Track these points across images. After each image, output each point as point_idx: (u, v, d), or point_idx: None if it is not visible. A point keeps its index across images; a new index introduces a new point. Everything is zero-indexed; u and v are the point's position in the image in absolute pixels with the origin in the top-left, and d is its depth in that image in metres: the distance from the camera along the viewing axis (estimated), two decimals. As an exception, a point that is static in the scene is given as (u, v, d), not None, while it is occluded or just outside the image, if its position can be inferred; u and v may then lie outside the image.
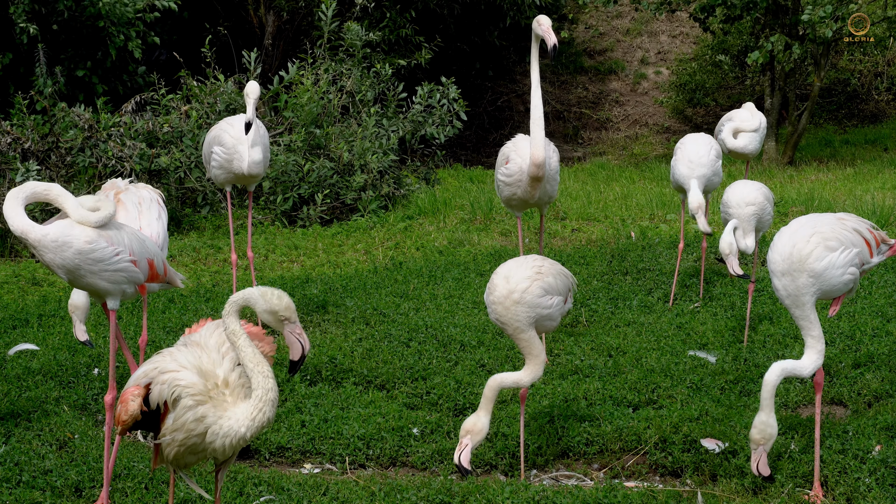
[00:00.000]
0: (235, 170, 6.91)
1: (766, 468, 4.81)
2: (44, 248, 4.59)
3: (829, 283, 4.75)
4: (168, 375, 3.75)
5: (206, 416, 3.72)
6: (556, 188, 6.58)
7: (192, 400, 3.71)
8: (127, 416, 3.74)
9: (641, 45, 20.82)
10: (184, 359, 3.79)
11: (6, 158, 10.54)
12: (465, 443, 4.80)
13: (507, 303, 4.94)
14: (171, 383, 3.72)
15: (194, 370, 3.76)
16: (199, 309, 7.75)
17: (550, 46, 6.07)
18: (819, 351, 4.76)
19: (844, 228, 4.85)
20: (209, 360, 3.80)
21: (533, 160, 6.19)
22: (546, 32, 6.13)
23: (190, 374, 3.74)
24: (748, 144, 8.32)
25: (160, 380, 3.75)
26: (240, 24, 17.04)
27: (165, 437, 3.76)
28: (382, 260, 9.72)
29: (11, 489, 4.92)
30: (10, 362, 6.74)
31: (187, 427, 3.72)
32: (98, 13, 12.66)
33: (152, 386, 3.76)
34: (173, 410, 3.73)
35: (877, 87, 18.31)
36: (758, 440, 4.78)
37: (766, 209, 6.80)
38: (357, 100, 12.66)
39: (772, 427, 4.74)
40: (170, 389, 3.72)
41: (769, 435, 4.75)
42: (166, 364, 3.79)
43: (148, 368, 3.81)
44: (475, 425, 4.81)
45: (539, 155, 6.16)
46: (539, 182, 6.31)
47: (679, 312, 7.58)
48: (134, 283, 4.88)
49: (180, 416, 3.72)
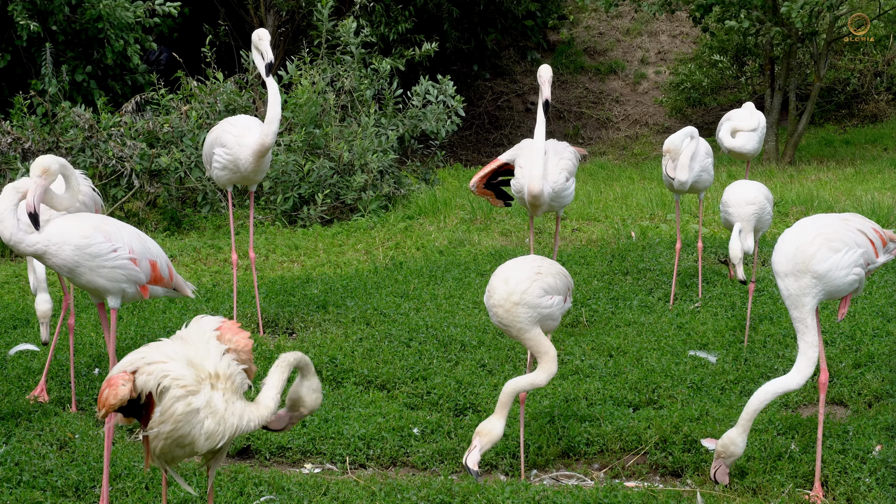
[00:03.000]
0: (244, 157, 6.80)
1: (724, 477, 4.88)
2: (45, 253, 4.63)
3: (833, 284, 4.74)
4: (155, 367, 3.70)
5: (198, 407, 3.70)
6: (568, 199, 6.57)
7: (182, 391, 3.68)
8: (115, 400, 3.67)
9: (641, 44, 20.82)
10: (170, 350, 3.76)
11: (6, 158, 10.55)
12: (475, 444, 4.73)
13: (507, 305, 4.91)
14: (158, 374, 3.68)
15: (182, 361, 3.73)
16: (200, 309, 7.75)
17: (543, 101, 6.18)
18: (810, 358, 4.73)
19: (848, 229, 4.83)
20: (196, 352, 3.78)
21: (530, 191, 6.26)
22: (544, 84, 6.21)
23: (177, 366, 3.71)
24: (745, 144, 8.33)
25: (146, 370, 3.70)
26: (240, 24, 17.04)
27: (153, 429, 3.73)
28: (383, 260, 9.72)
29: (12, 489, 4.92)
30: (10, 362, 6.75)
31: (175, 418, 3.68)
32: (98, 16, 12.66)
33: (137, 375, 3.71)
34: (159, 403, 3.70)
35: (876, 87, 18.31)
36: (720, 453, 4.85)
37: (766, 209, 6.80)
38: (356, 99, 12.66)
39: (738, 447, 4.80)
40: (156, 380, 3.67)
41: (731, 453, 4.82)
42: (152, 355, 3.75)
43: (134, 357, 3.76)
44: (489, 429, 4.73)
45: (535, 188, 6.24)
46: (538, 207, 6.37)
47: (679, 312, 7.58)
48: (134, 282, 4.88)
49: (168, 408, 3.68)
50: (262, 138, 6.69)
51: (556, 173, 6.40)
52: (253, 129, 6.82)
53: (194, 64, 13.84)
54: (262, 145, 6.71)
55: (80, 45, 13.25)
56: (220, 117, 11.84)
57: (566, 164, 6.46)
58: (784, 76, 15.39)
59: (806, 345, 4.75)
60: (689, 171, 7.36)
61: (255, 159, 6.79)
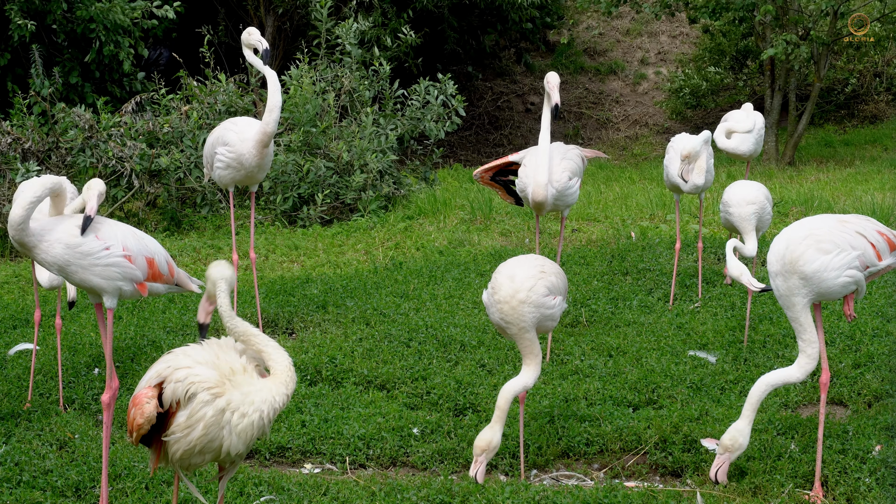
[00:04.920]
0: (247, 151, 6.82)
1: (724, 477, 4.88)
2: (34, 248, 4.66)
3: (823, 286, 4.69)
4: (182, 372, 3.71)
5: (225, 407, 3.69)
6: (572, 199, 6.76)
7: (209, 394, 3.68)
8: (143, 420, 3.66)
9: (641, 45, 20.83)
10: (197, 354, 3.77)
11: (6, 159, 10.55)
12: (480, 460, 4.85)
13: (513, 302, 4.94)
14: (187, 380, 3.68)
15: (208, 365, 3.73)
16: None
17: (552, 105, 6.33)
18: (809, 355, 4.74)
19: (844, 231, 4.77)
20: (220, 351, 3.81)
21: (533, 198, 6.45)
22: (552, 90, 6.35)
23: (204, 369, 3.71)
24: (740, 145, 8.34)
25: (175, 377, 3.70)
26: (239, 23, 17.04)
27: (174, 434, 3.72)
28: (382, 260, 9.72)
29: (12, 489, 4.92)
30: (10, 362, 6.75)
31: (206, 423, 3.67)
32: (90, 17, 12.65)
33: (165, 385, 3.71)
34: (186, 408, 3.69)
35: (876, 88, 18.32)
36: (728, 447, 4.85)
37: (766, 208, 6.81)
38: (355, 99, 12.66)
39: (744, 437, 4.82)
40: (184, 387, 3.67)
41: (740, 444, 4.83)
42: (179, 361, 3.75)
43: (161, 368, 3.77)
44: (488, 440, 4.85)
45: (539, 196, 6.42)
46: (542, 209, 6.58)
47: (679, 312, 7.58)
48: (131, 280, 4.86)
49: (196, 412, 3.67)
50: (264, 126, 6.72)
51: (559, 173, 6.59)
52: (254, 127, 6.86)
53: (194, 64, 13.83)
54: (264, 133, 6.74)
55: (76, 45, 13.26)
56: (221, 118, 11.84)
57: (569, 164, 6.67)
58: (784, 77, 15.40)
59: (804, 342, 4.75)
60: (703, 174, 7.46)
61: (259, 150, 6.80)
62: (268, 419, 3.76)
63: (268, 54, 6.82)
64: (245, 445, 3.77)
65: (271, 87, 6.71)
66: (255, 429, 3.74)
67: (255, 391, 3.74)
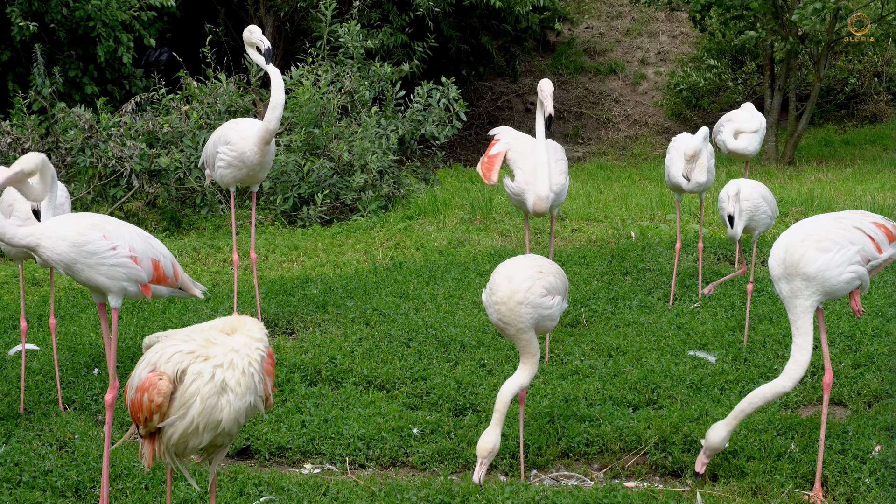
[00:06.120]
0: (249, 148, 6.82)
1: (701, 467, 5.04)
2: (38, 247, 4.65)
3: (828, 285, 4.71)
4: (170, 349, 3.74)
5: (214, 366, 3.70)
6: (564, 197, 6.73)
7: (198, 363, 3.70)
8: (161, 398, 3.66)
9: (641, 45, 20.83)
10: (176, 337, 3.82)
11: (6, 159, 10.54)
12: (484, 463, 4.85)
13: (510, 303, 4.93)
14: (178, 357, 3.70)
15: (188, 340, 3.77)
16: (199, 309, 7.75)
17: (546, 116, 6.19)
18: (798, 362, 4.77)
19: (841, 227, 4.78)
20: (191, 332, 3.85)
21: (535, 209, 6.39)
22: (545, 98, 6.22)
23: (186, 344, 3.75)
24: (748, 146, 8.34)
25: (163, 359, 3.73)
26: (240, 24, 17.04)
27: (169, 417, 3.71)
28: (382, 260, 9.72)
29: (12, 489, 4.92)
30: (10, 362, 6.75)
31: (202, 394, 3.67)
32: (89, 15, 12.64)
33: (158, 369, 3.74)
34: (180, 384, 3.70)
35: (875, 88, 18.32)
36: (705, 444, 5.01)
37: (762, 207, 6.81)
38: (356, 100, 12.66)
39: (720, 440, 4.94)
40: (174, 366, 3.69)
41: (714, 445, 4.97)
42: (164, 345, 3.79)
43: (150, 357, 3.79)
44: (494, 446, 4.84)
45: (541, 207, 6.35)
46: (539, 216, 6.53)
47: (679, 312, 7.58)
48: (136, 281, 4.87)
49: (190, 386, 3.68)
50: (267, 123, 6.73)
51: (557, 174, 6.54)
52: (255, 126, 6.87)
53: (194, 64, 13.84)
54: (267, 130, 6.74)
55: (77, 43, 13.25)
56: (221, 118, 11.85)
57: (563, 165, 6.66)
58: (784, 76, 15.40)
59: (797, 347, 4.78)
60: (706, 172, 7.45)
61: (260, 147, 6.80)
62: (257, 364, 3.76)
63: (270, 53, 6.84)
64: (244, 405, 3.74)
65: (275, 84, 6.71)
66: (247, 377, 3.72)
67: (231, 340, 3.77)
